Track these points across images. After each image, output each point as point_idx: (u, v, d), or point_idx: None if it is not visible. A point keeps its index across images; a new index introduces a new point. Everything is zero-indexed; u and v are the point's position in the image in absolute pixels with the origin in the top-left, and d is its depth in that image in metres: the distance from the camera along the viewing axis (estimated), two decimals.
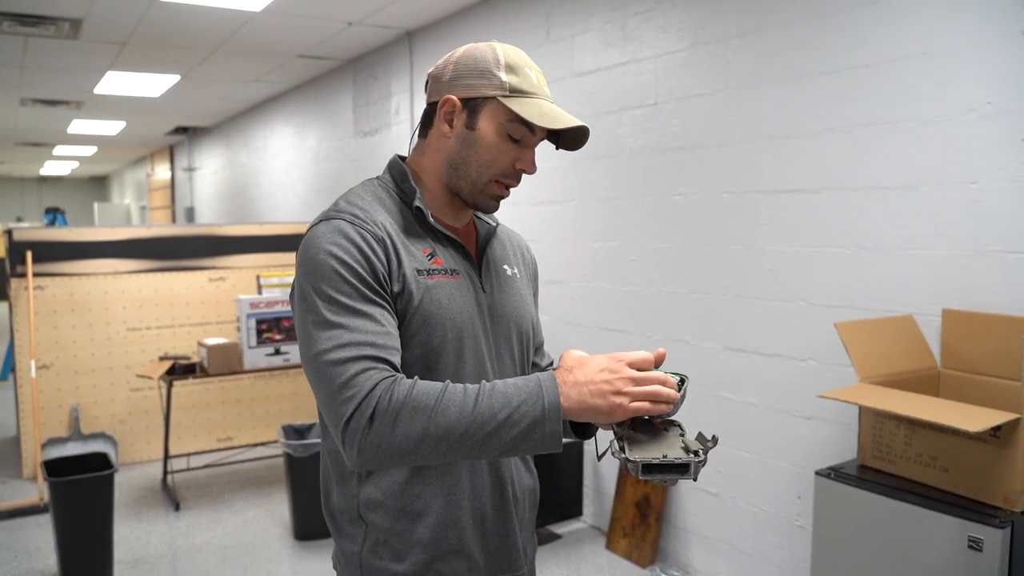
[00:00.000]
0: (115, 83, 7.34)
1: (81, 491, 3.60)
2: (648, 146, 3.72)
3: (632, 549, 3.84)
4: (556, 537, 4.10)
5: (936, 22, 2.60)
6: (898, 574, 2.17)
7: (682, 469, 1.16)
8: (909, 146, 2.70)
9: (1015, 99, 2.42)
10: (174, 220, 13.36)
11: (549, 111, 1.34)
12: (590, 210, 4.11)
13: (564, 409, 1.17)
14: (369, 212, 1.35)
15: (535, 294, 1.64)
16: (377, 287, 1.28)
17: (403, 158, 1.48)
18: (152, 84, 7.48)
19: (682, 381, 1.27)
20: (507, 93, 1.34)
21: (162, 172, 14.23)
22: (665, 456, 1.16)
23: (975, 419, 1.98)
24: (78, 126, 10.34)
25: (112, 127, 10.60)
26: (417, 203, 1.39)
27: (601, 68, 3.97)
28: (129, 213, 18.07)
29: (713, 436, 1.20)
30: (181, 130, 11.33)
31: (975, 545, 1.99)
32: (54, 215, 13.03)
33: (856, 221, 2.87)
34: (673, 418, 1.26)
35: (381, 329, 1.25)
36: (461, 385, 1.20)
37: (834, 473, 2.37)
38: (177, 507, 4.69)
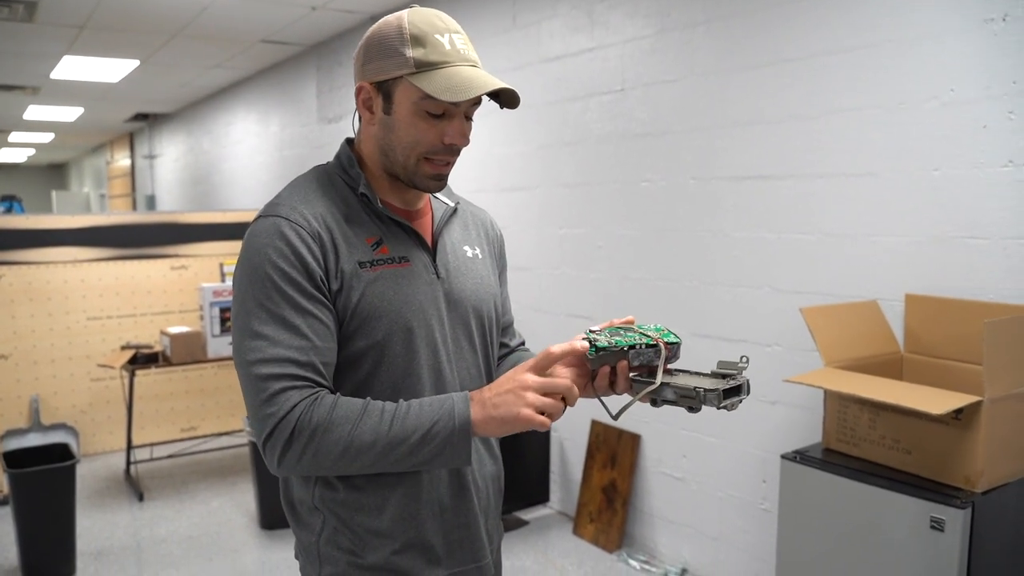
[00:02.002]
0: (72, 68, 7.17)
1: (42, 482, 3.54)
2: (615, 132, 3.72)
3: (599, 534, 3.86)
4: (523, 523, 4.11)
5: (900, 10, 2.62)
6: (862, 555, 2.21)
7: (739, 390, 1.26)
8: (872, 133, 2.72)
9: (977, 87, 2.45)
10: (135, 208, 13.14)
11: (459, 81, 1.26)
12: (557, 196, 4.10)
13: (475, 427, 1.22)
14: (311, 204, 1.32)
15: (503, 271, 1.61)
16: (312, 290, 1.26)
17: (353, 142, 1.44)
18: (111, 69, 7.32)
19: (674, 340, 1.31)
20: (413, 70, 1.28)
21: (122, 159, 13.97)
22: (731, 378, 1.26)
23: (937, 402, 2.01)
24: (34, 112, 10.09)
25: (70, 113, 10.37)
26: (362, 189, 1.36)
27: (568, 54, 3.95)
28: (88, 201, 17.73)
29: (742, 356, 1.30)
30: (141, 116, 11.13)
31: (937, 525, 2.03)
32: (10, 203, 12.78)
33: (820, 208, 2.90)
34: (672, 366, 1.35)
35: (305, 344, 1.24)
36: (380, 404, 1.24)
37: (799, 457, 2.40)
38: (141, 498, 4.64)
